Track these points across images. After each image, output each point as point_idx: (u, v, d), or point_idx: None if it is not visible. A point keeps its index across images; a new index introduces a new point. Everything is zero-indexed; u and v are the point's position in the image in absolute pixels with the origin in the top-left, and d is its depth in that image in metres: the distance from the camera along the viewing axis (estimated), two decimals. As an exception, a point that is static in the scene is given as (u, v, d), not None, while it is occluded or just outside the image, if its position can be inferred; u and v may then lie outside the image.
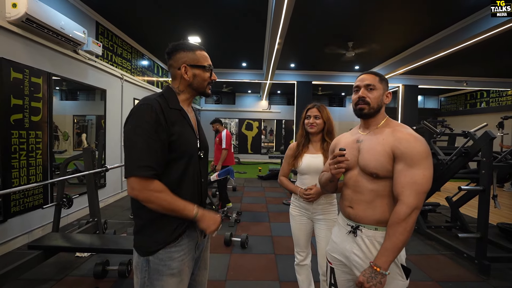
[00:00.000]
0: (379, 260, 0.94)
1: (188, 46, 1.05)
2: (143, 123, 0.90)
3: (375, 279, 0.92)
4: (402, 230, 0.92)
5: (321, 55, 6.39)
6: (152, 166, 0.88)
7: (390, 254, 0.93)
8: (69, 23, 3.23)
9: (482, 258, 2.47)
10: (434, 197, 5.30)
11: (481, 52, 5.57)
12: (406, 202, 0.93)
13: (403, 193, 0.95)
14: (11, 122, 2.71)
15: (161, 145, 0.91)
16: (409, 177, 0.95)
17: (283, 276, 2.40)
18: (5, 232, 2.71)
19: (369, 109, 1.09)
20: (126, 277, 2.26)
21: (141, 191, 0.88)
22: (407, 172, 0.95)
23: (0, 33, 2.60)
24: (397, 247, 0.93)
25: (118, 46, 4.95)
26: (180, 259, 0.99)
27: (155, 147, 0.89)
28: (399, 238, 0.92)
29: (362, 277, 0.94)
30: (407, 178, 0.95)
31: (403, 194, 0.94)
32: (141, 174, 0.87)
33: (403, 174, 0.96)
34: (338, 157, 1.03)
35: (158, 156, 0.90)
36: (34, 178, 3.00)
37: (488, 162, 2.46)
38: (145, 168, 0.87)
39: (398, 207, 0.95)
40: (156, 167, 0.89)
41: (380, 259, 0.93)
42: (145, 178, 0.88)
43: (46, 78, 3.14)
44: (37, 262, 2.05)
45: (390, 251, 0.93)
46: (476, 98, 10.21)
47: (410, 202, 0.93)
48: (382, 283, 0.92)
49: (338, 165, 1.03)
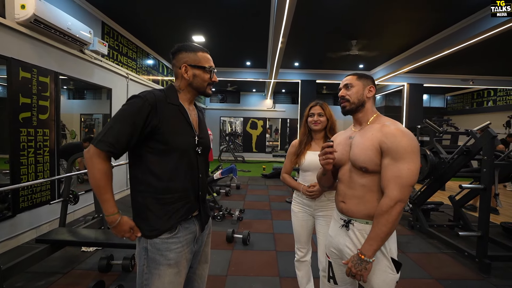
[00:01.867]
0: (364, 248, 1.00)
1: (191, 47, 1.10)
2: (128, 110, 0.98)
3: (360, 265, 0.99)
4: (385, 222, 0.97)
5: (325, 54, 6.38)
6: (113, 144, 0.95)
7: (373, 243, 0.99)
8: (76, 24, 3.30)
9: (482, 257, 2.47)
10: (438, 196, 5.26)
11: (487, 50, 5.50)
12: (390, 195, 0.97)
13: (388, 187, 0.98)
14: (20, 120, 2.79)
15: (132, 132, 0.97)
16: (394, 171, 0.98)
17: (283, 272, 2.43)
18: (14, 226, 2.80)
19: (350, 105, 1.14)
20: (130, 271, 2.32)
21: (89, 158, 0.96)
22: (392, 166, 0.99)
23: (10, 34, 2.69)
24: (380, 237, 0.98)
25: (123, 46, 5.03)
26: (177, 250, 1.03)
27: (126, 132, 0.96)
28: (381, 229, 0.97)
29: (350, 263, 1.02)
30: (393, 172, 0.98)
31: (388, 188, 0.98)
32: (99, 146, 0.95)
33: (389, 169, 0.99)
34: (326, 148, 1.08)
35: (123, 140, 0.96)
36: (42, 174, 3.09)
37: (489, 161, 2.45)
38: (105, 143, 0.95)
39: (383, 199, 0.99)
40: (116, 146, 0.96)
41: (365, 247, 1.00)
42: (99, 150, 0.95)
43: (54, 77, 3.22)
44: (45, 256, 2.13)
45: (374, 240, 0.99)
46: (483, 96, 10.07)
47: (394, 195, 0.96)
48: (367, 269, 0.99)
49: (326, 155, 1.08)
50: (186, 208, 1.06)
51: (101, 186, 0.97)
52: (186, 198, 1.06)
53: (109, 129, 0.96)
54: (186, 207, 1.06)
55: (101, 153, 0.95)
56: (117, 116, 0.98)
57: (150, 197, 1.01)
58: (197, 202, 1.11)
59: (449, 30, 4.70)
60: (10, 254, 2.61)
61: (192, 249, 1.11)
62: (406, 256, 2.79)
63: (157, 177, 1.01)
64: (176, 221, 1.03)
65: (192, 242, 1.10)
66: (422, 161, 3.33)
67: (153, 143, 1.01)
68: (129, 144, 0.98)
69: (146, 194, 1.02)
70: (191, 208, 1.08)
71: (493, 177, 2.50)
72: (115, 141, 0.95)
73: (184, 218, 1.06)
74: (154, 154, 1.01)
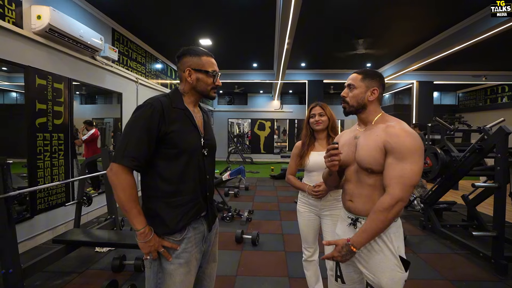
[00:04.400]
0: (355, 239, 1.01)
1: (195, 51, 1.12)
2: (140, 119, 1.00)
3: (347, 255, 1.02)
4: (383, 219, 0.98)
5: (332, 53, 6.35)
6: (135, 158, 0.97)
7: (365, 236, 1.00)
8: (88, 31, 3.41)
9: (498, 258, 2.41)
10: (450, 195, 5.14)
11: (499, 45, 5.34)
12: (392, 193, 0.97)
13: (390, 185, 0.98)
14: (36, 126, 2.90)
15: (149, 140, 0.99)
16: (398, 170, 0.98)
17: (292, 272, 2.44)
18: (32, 227, 2.91)
19: (348, 107, 1.15)
20: (141, 271, 2.37)
21: (114, 176, 0.97)
22: (396, 165, 0.99)
23: (27, 43, 2.81)
24: (375, 232, 1.00)
25: (133, 51, 5.15)
26: (188, 250, 1.06)
27: (144, 141, 0.98)
28: (378, 225, 0.99)
29: (337, 252, 1.03)
30: (396, 171, 0.98)
31: (390, 186, 0.98)
32: (124, 163, 0.96)
33: (392, 168, 0.99)
34: (331, 150, 1.08)
35: (144, 150, 0.98)
36: (57, 177, 3.20)
37: (503, 158, 2.40)
38: (129, 159, 0.96)
39: (384, 197, 0.99)
40: (139, 159, 0.98)
41: (357, 239, 1.01)
42: (123, 166, 0.97)
43: (67, 83, 3.34)
44: (61, 256, 2.20)
45: (367, 234, 1.00)
46: (497, 92, 9.76)
47: (395, 193, 0.96)
48: (348, 258, 1.02)
49: (331, 157, 1.09)
50: (195, 209, 1.08)
51: (132, 200, 0.98)
52: (195, 199, 1.08)
53: (127, 144, 0.97)
54: (195, 208, 1.08)
55: (125, 168, 0.97)
56: (130, 130, 0.99)
57: (161, 201, 1.04)
58: (205, 202, 1.14)
59: (458, 26, 4.60)
60: (29, 254, 2.71)
61: (201, 249, 1.13)
62: (418, 257, 2.74)
63: (167, 181, 1.03)
64: (186, 222, 1.06)
65: (201, 241, 1.13)
66: (433, 160, 3.27)
67: (163, 148, 1.03)
68: (149, 153, 1.00)
69: (157, 199, 1.04)
70: (200, 208, 1.11)
71: (507, 175, 2.43)
72: (137, 154, 0.97)
73: (193, 219, 1.08)
74: (163, 159, 1.03)
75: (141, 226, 0.99)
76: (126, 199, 0.97)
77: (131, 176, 0.99)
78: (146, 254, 1.02)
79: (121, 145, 0.98)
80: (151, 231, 1.01)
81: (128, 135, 0.98)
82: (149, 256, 1.02)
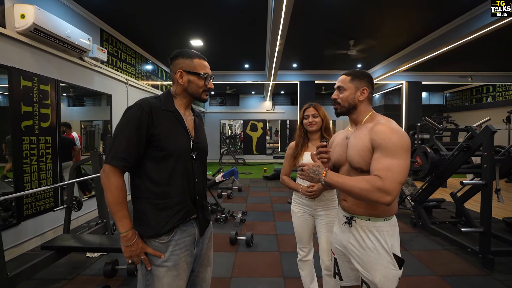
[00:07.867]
0: (331, 173, 1.02)
1: (188, 53, 1.12)
2: (129, 120, 1.00)
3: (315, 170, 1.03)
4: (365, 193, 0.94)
5: (323, 54, 6.41)
6: (125, 158, 0.98)
7: (339, 181, 1.00)
8: (75, 31, 3.33)
9: (486, 252, 2.47)
10: (439, 193, 5.27)
11: (485, 46, 5.52)
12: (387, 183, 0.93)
13: (380, 175, 0.94)
14: (22, 129, 2.82)
15: (138, 141, 1.00)
16: (384, 164, 0.95)
17: (287, 272, 2.44)
18: (19, 234, 2.82)
19: (340, 108, 1.16)
20: (134, 276, 2.33)
21: (105, 177, 0.99)
22: (382, 159, 0.97)
23: (10, 43, 2.72)
24: (347, 187, 0.98)
25: (122, 52, 5.07)
26: (175, 253, 1.05)
27: (133, 142, 0.99)
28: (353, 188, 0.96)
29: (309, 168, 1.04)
30: (382, 164, 0.96)
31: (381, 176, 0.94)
32: (113, 163, 0.98)
33: (378, 161, 0.97)
34: (320, 148, 1.10)
35: (134, 151, 0.99)
36: (45, 182, 3.11)
37: (489, 156, 2.47)
38: (119, 159, 0.98)
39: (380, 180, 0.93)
40: (129, 159, 0.99)
41: (331, 175, 1.01)
42: (113, 167, 0.98)
43: (54, 85, 3.25)
44: (50, 262, 2.14)
45: (341, 180, 1.00)
46: (482, 93, 10.07)
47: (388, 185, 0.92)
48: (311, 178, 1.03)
49: (320, 155, 1.11)
50: (183, 212, 1.07)
51: (119, 203, 0.99)
52: (183, 202, 1.07)
53: (117, 145, 0.98)
54: (183, 212, 1.07)
55: (115, 169, 0.98)
56: (120, 131, 1.00)
57: (148, 202, 1.03)
58: (194, 206, 1.12)
59: (446, 27, 4.73)
60: (16, 261, 2.63)
61: (192, 252, 1.11)
62: (410, 254, 2.79)
63: (155, 182, 1.03)
64: (173, 225, 1.05)
65: (192, 245, 1.11)
66: (423, 159, 3.35)
67: (151, 150, 1.03)
68: (139, 154, 1.01)
69: (145, 200, 1.04)
70: (189, 212, 1.09)
71: (493, 172, 2.51)
72: (127, 155, 0.98)
73: (181, 221, 1.07)
74: (151, 161, 1.03)
75: (124, 230, 1.00)
76: (113, 200, 0.99)
77: (120, 178, 1.00)
78: (127, 258, 1.02)
79: (111, 146, 0.99)
80: (135, 235, 1.02)
81: (118, 137, 0.99)
82: (130, 260, 1.03)
